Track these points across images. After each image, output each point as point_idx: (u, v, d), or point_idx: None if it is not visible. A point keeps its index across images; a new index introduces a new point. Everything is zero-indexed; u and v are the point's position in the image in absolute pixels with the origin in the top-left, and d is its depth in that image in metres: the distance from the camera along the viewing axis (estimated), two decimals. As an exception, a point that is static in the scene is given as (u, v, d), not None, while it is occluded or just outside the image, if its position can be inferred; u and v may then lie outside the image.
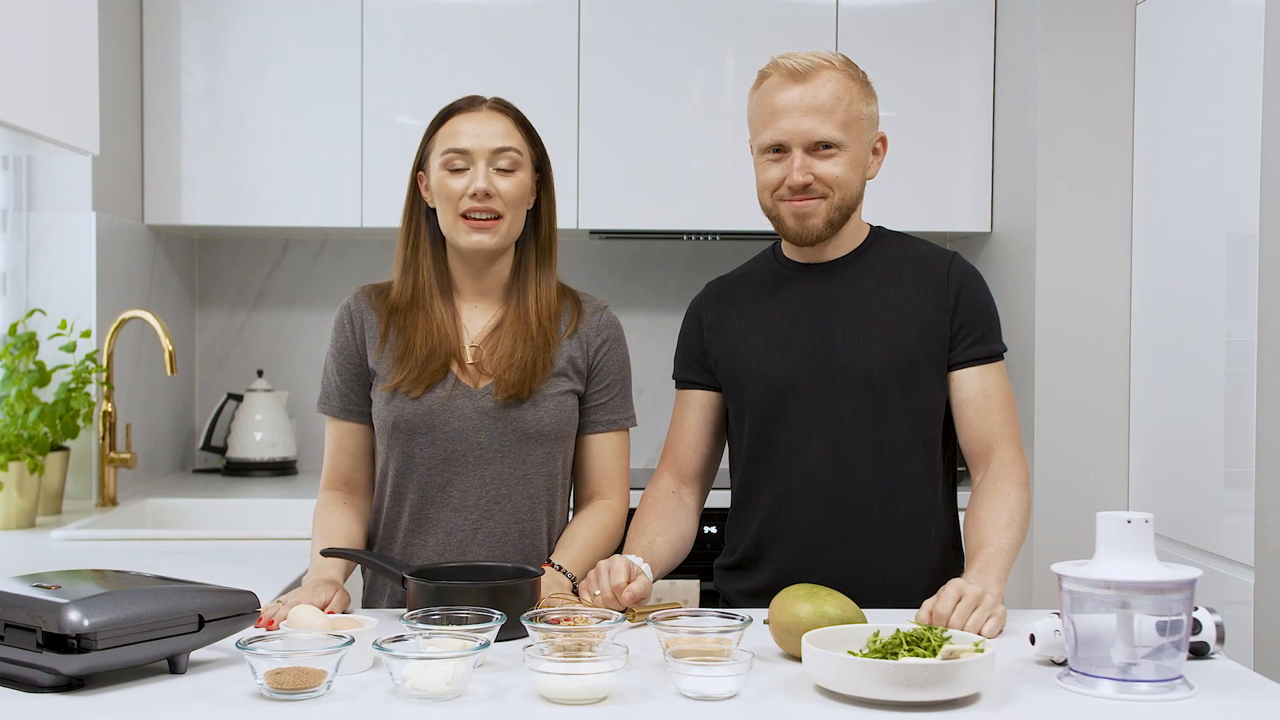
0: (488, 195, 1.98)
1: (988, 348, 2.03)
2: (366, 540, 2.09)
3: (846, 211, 2.02)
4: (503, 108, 2.05)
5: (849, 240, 2.07)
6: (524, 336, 2.02)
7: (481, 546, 2.01)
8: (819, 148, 1.97)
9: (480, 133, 2.00)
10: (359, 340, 2.05)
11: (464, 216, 1.99)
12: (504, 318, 2.04)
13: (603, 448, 2.10)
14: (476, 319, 2.06)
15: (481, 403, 2.00)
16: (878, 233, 2.11)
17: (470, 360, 2.02)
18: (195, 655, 1.60)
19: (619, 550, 2.03)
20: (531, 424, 2.01)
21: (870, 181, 2.08)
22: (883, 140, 2.07)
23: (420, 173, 2.06)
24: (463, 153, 1.99)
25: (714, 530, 2.93)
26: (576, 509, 2.13)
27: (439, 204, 2.02)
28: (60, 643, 1.44)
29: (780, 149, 1.99)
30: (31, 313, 2.99)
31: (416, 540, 2.03)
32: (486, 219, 1.99)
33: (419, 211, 2.07)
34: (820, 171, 1.98)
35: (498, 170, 1.99)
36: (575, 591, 1.92)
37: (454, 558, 2.00)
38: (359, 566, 2.11)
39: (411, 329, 2.02)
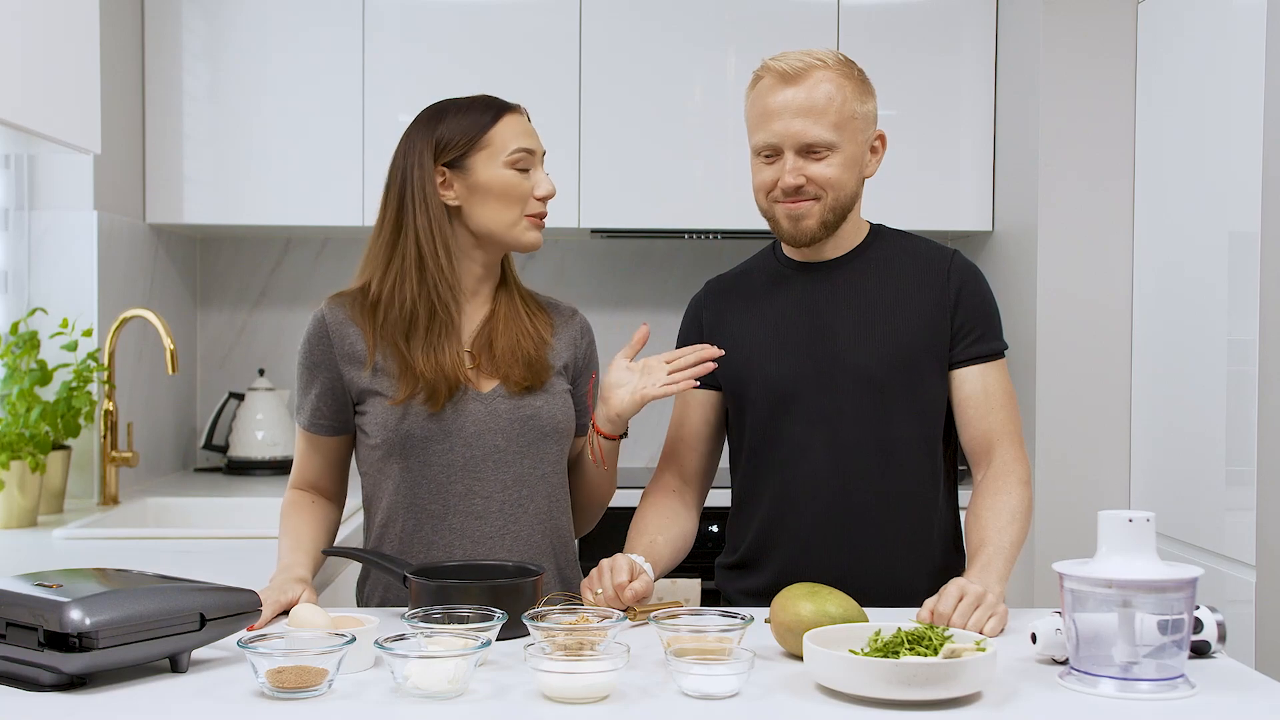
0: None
1: (989, 346, 2.03)
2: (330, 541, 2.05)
3: (842, 212, 2.01)
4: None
5: (849, 239, 2.07)
6: (520, 331, 1.99)
7: (510, 551, 1.96)
8: (811, 149, 1.96)
9: (534, 133, 1.99)
10: (341, 354, 1.95)
11: (529, 215, 1.97)
12: (493, 313, 2.00)
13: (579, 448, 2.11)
14: (466, 323, 1.99)
15: (494, 404, 1.96)
16: (877, 231, 2.10)
17: (469, 365, 1.96)
18: (197, 654, 1.60)
19: (619, 549, 2.03)
20: (546, 419, 1.98)
21: (871, 180, 2.07)
22: (881, 138, 2.05)
23: (445, 170, 1.95)
24: (531, 152, 1.97)
25: (715, 529, 2.93)
26: None
27: (496, 202, 1.93)
28: (62, 641, 1.44)
29: (773, 151, 1.98)
30: (33, 311, 2.99)
31: (440, 553, 1.95)
32: (542, 218, 1.99)
33: (441, 214, 1.94)
34: (813, 173, 1.97)
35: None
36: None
37: None
38: (343, 564, 2.09)
39: (414, 349, 1.93)
